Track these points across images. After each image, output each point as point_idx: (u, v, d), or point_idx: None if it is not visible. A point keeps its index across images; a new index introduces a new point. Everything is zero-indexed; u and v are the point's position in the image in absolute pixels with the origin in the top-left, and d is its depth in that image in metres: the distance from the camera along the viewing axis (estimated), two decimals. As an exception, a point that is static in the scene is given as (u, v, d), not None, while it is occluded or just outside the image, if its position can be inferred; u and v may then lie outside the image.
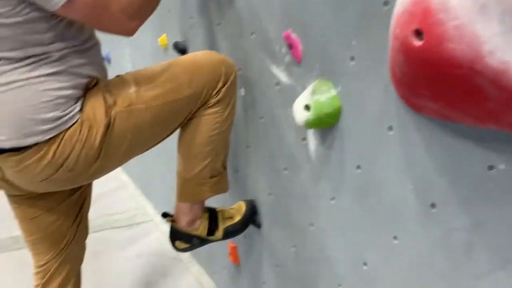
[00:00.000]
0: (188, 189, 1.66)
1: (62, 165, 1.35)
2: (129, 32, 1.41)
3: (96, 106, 1.36)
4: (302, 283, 1.56)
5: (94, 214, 2.98)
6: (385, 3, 1.01)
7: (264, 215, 1.72)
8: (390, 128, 1.08)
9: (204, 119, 1.54)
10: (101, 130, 1.36)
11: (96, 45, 1.45)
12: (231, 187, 1.87)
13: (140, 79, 1.45)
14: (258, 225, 1.75)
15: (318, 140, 1.33)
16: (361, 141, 1.18)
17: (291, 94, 1.40)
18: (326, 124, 1.26)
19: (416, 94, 0.89)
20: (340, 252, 1.34)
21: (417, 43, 0.78)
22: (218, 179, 1.65)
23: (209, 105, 1.53)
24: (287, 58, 1.38)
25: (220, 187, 1.67)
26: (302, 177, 1.44)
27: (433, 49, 0.76)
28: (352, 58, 1.14)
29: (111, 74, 1.54)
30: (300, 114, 1.27)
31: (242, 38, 1.58)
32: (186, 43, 1.98)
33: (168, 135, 1.55)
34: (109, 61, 3.12)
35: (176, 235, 1.74)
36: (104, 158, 1.39)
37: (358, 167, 1.21)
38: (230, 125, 1.60)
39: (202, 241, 1.72)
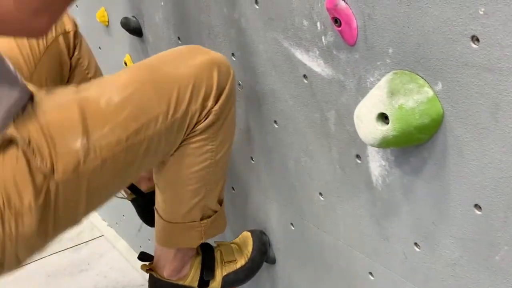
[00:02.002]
0: (172, 234, 1.18)
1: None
2: (37, 33, 0.87)
3: (15, 182, 0.85)
4: None
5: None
6: None
7: (281, 251, 1.26)
8: (562, 153, 0.65)
9: (189, 150, 1.05)
10: (34, 215, 0.86)
11: None
12: (231, 210, 1.40)
13: (91, 118, 0.90)
14: (272, 261, 1.30)
15: (389, 162, 0.88)
16: (488, 168, 0.74)
17: (334, 92, 0.93)
18: (414, 141, 0.81)
19: None
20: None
21: None
22: (212, 220, 1.18)
23: (196, 133, 1.03)
24: (326, 39, 0.90)
25: (214, 230, 1.20)
26: (353, 208, 0.99)
27: None
28: (475, 38, 0.69)
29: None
30: (371, 129, 0.80)
31: (236, 8, 1.08)
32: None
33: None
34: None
35: (157, 286, 1.25)
36: (55, 230, 0.91)
37: (478, 206, 0.77)
38: (227, 149, 1.11)
39: None
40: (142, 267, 1.26)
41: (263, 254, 1.27)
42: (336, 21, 0.86)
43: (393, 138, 0.79)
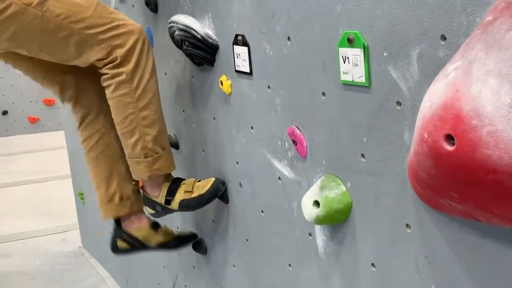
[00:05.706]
0: (131, 166, 1.71)
1: None
2: None
3: None
4: None
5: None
6: (398, 103, 1.02)
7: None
8: (408, 226, 1.07)
9: (115, 101, 1.63)
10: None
11: None
12: (228, 279, 1.81)
13: None
14: (226, 201, 1.73)
15: (326, 236, 1.30)
16: (375, 238, 1.16)
17: (295, 189, 1.38)
18: (336, 220, 1.23)
19: (442, 196, 0.88)
20: None
21: (449, 148, 0.78)
22: (154, 159, 1.68)
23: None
24: (291, 153, 1.37)
25: (158, 167, 1.69)
26: (310, 274, 1.39)
27: (466, 155, 0.76)
28: (363, 155, 1.14)
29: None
30: (309, 211, 1.24)
31: (240, 132, 1.57)
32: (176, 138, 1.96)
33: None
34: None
35: (145, 200, 1.79)
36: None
37: (373, 265, 1.18)
38: (149, 101, 1.65)
39: (164, 210, 1.74)
40: (135, 184, 1.80)
41: (213, 196, 1.69)
42: (294, 142, 1.33)
43: (322, 218, 1.22)
